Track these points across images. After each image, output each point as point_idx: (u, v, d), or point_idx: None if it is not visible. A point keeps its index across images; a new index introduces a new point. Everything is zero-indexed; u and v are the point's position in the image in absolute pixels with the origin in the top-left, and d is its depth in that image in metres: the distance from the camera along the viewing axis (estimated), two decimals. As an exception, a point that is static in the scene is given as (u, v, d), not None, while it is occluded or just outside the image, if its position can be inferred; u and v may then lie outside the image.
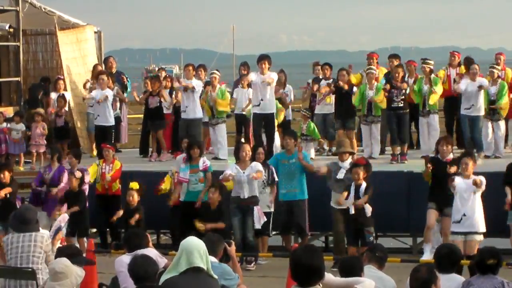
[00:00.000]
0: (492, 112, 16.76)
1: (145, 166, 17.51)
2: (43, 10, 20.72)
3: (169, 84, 18.85)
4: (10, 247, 9.32)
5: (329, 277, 7.10)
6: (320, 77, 18.52)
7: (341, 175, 13.88)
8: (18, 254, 9.25)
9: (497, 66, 16.97)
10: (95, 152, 18.45)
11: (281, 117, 17.71)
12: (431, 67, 17.02)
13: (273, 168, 14.36)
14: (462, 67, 17.75)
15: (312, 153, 17.21)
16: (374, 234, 13.58)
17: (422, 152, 16.19)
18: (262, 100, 16.31)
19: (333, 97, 17.61)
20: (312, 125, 17.49)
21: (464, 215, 12.24)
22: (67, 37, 20.61)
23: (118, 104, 18.94)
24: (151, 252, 8.66)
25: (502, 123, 16.95)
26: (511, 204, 13.49)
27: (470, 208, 12.23)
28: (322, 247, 16.17)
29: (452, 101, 17.81)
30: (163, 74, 20.10)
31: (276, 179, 14.30)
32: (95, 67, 19.79)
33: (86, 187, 15.20)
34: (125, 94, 19.62)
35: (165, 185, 15.33)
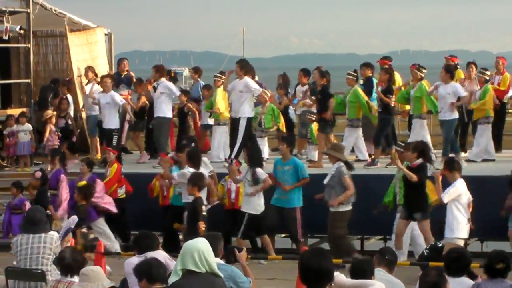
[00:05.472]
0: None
1: (148, 168, 17.43)
2: (54, 12, 20.75)
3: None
4: (19, 248, 9.33)
5: (341, 277, 7.09)
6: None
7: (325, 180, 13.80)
8: (27, 256, 9.26)
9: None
10: (99, 155, 18.45)
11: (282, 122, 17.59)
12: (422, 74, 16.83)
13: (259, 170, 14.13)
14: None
15: (315, 156, 17.17)
16: None
17: None
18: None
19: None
20: (313, 128, 17.38)
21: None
22: (78, 39, 20.64)
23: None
24: (160, 254, 8.65)
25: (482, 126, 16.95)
26: None
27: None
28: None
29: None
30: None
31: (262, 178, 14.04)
32: (88, 69, 19.31)
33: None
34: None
35: (220, 193, 15.16)
